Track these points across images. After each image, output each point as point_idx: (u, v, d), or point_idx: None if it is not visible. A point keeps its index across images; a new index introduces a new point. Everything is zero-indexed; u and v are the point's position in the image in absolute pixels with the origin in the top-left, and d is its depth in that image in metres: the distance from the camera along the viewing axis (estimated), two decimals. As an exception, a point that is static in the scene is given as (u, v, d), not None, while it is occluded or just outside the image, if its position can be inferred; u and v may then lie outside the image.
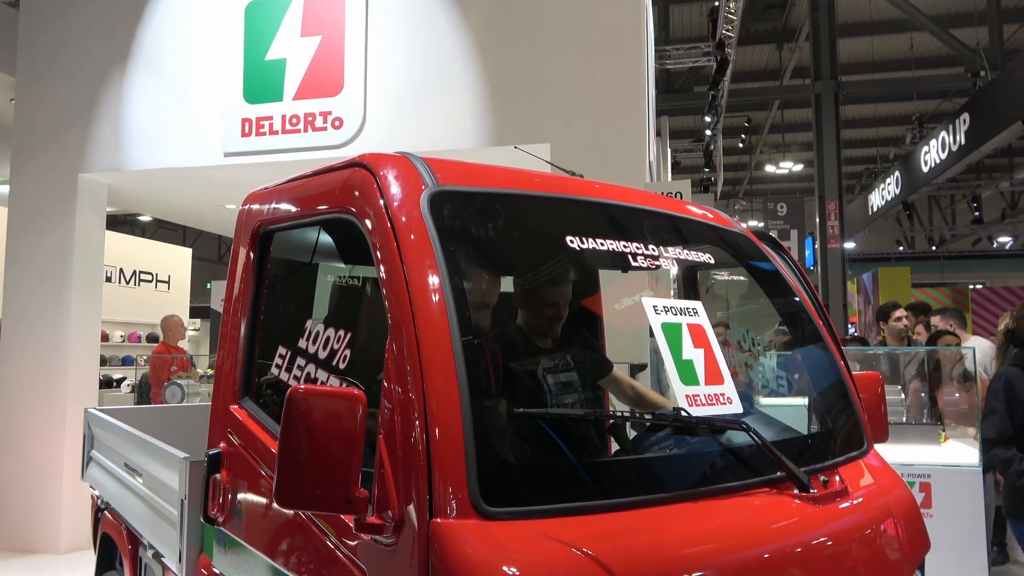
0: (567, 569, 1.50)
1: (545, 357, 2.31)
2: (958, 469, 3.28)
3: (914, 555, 2.15)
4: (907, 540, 2.13)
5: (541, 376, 2.19)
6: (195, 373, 7.76)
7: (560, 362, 2.29)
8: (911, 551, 2.14)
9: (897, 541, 2.09)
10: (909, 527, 2.17)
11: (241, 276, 2.50)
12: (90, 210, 6.99)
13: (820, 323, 2.70)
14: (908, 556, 2.12)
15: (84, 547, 6.20)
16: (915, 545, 2.17)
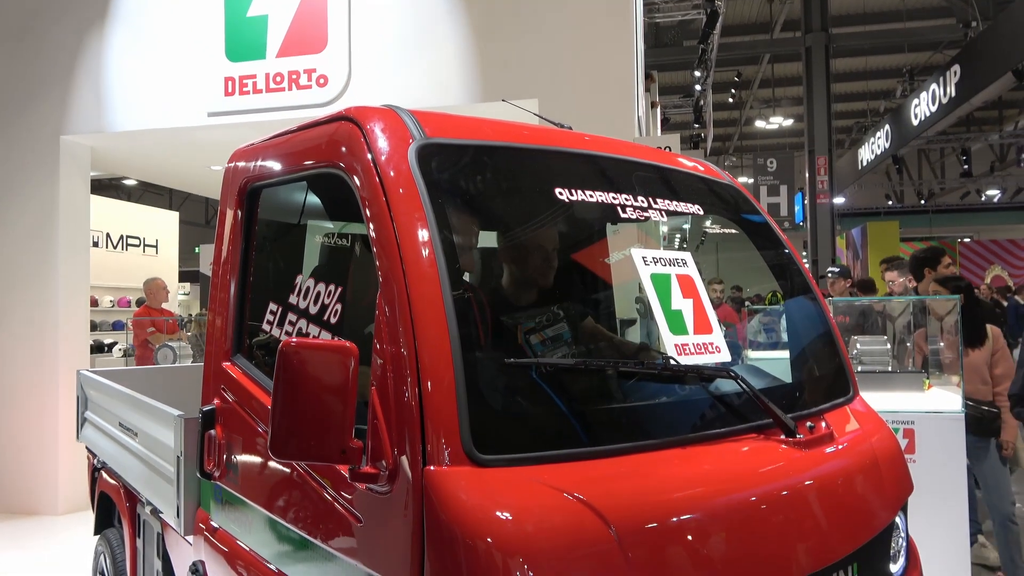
0: (559, 513, 1.54)
1: (535, 309, 2.32)
2: (941, 415, 3.35)
3: (897, 497, 2.21)
4: (890, 482, 2.19)
5: (530, 327, 2.20)
6: (184, 335, 7.75)
7: (549, 314, 2.31)
8: (894, 493, 2.20)
9: (881, 483, 2.14)
10: (892, 470, 2.22)
11: (229, 234, 2.49)
12: (74, 173, 6.91)
13: (809, 274, 2.73)
14: (891, 498, 2.17)
15: (82, 508, 6.27)
16: (898, 487, 2.23)
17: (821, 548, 1.86)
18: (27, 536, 6.01)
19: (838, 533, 1.92)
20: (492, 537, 1.46)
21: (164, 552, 2.91)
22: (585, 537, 1.52)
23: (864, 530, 2.01)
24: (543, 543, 1.48)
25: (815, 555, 1.84)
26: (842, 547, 1.91)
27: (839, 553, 1.90)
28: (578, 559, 1.50)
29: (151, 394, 3.14)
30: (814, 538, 1.86)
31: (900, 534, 2.25)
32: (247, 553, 2.17)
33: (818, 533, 1.88)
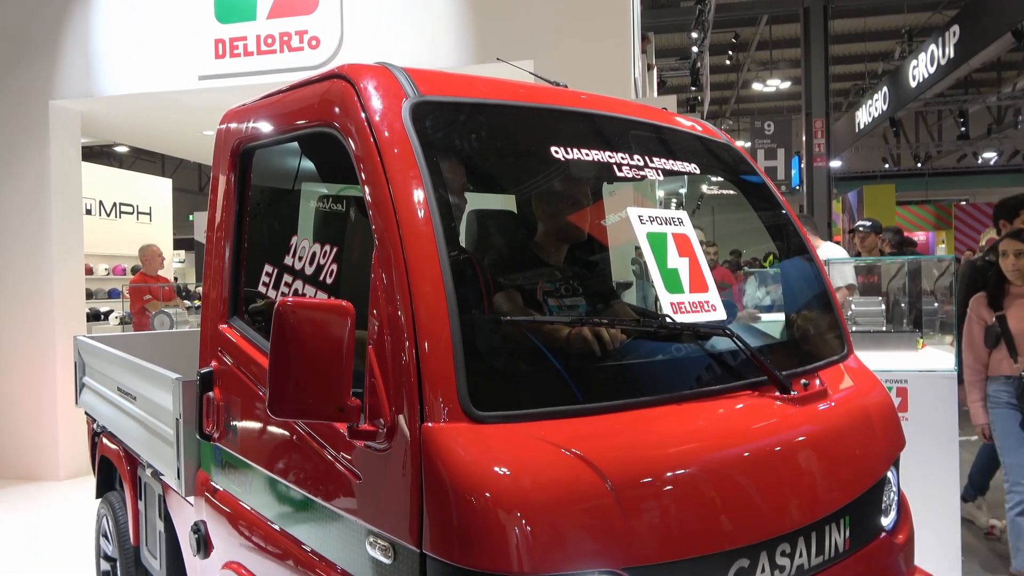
0: (555, 467, 1.56)
1: (531, 267, 2.32)
2: (934, 374, 3.38)
3: (889, 452, 2.24)
4: (883, 438, 2.21)
5: (527, 286, 2.20)
6: (181, 302, 7.74)
7: (547, 273, 2.31)
8: (887, 448, 2.22)
9: (873, 438, 2.17)
10: (885, 426, 2.25)
11: (223, 196, 2.48)
12: (64, 139, 6.84)
13: (805, 235, 2.73)
14: (883, 453, 2.20)
15: (83, 473, 6.33)
16: (890, 443, 2.26)
17: (814, 501, 1.89)
18: (29, 501, 6.07)
19: (830, 487, 1.95)
20: (490, 491, 1.48)
21: (166, 513, 2.95)
22: (581, 491, 1.54)
23: (856, 484, 2.04)
24: (540, 497, 1.50)
25: (808, 508, 1.87)
26: (834, 500, 1.94)
27: (832, 506, 1.93)
28: (575, 513, 1.52)
29: (149, 359, 3.15)
30: (807, 491, 1.89)
31: (892, 489, 2.28)
32: (248, 512, 2.20)
33: (811, 487, 1.91)
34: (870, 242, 6.62)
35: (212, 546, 2.40)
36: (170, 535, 2.93)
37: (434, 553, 1.51)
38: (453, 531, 1.48)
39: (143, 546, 3.24)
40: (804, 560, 1.84)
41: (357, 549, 1.71)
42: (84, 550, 4.46)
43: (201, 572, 2.53)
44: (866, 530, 2.09)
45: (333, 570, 1.79)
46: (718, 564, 1.67)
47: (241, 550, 2.20)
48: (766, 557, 1.75)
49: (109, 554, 3.62)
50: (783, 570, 1.79)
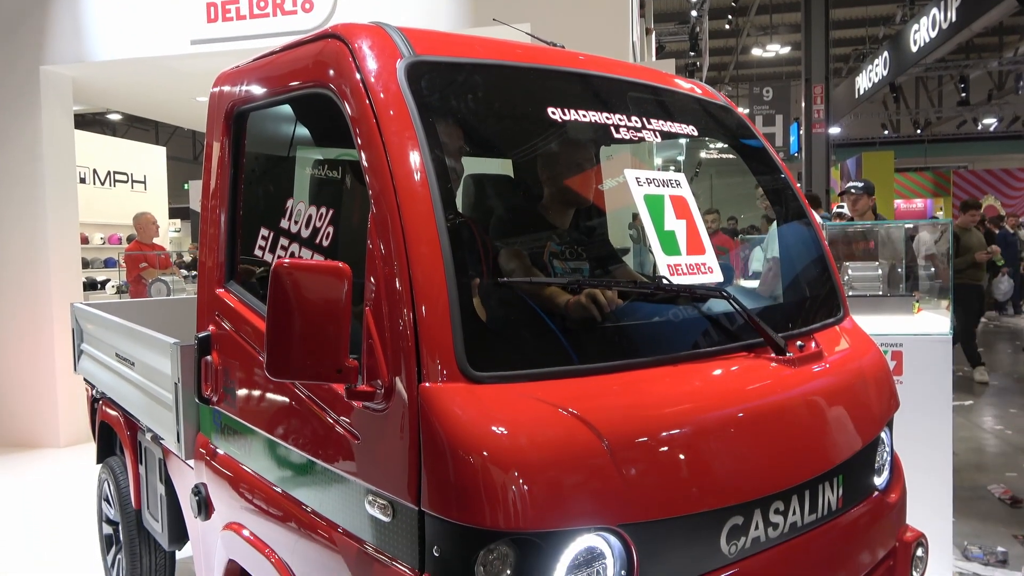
0: (552, 427, 1.57)
1: (529, 228, 2.32)
2: (929, 337, 3.39)
3: (883, 413, 2.26)
4: (877, 399, 2.23)
5: (528, 247, 2.20)
6: (177, 271, 7.73)
7: (544, 235, 2.30)
8: (881, 409, 2.24)
9: (867, 399, 2.19)
10: (879, 387, 2.26)
11: (217, 160, 2.46)
12: (56, 106, 6.76)
13: (804, 198, 2.72)
14: (878, 414, 2.22)
15: (84, 440, 6.38)
16: (885, 404, 2.27)
17: (808, 460, 1.91)
18: (30, 468, 6.12)
19: (824, 446, 1.97)
20: (487, 450, 1.49)
21: (166, 477, 2.97)
22: (578, 450, 1.55)
23: (850, 444, 2.06)
24: (537, 455, 1.51)
25: (802, 467, 1.89)
26: (828, 460, 1.96)
27: (825, 465, 1.95)
28: (571, 471, 1.53)
29: (146, 326, 3.15)
30: (801, 451, 1.91)
31: (885, 449, 2.31)
32: (247, 474, 2.22)
33: (805, 446, 1.93)
34: (862, 204, 6.35)
35: (213, 508, 2.43)
36: (171, 498, 2.96)
37: (432, 510, 1.52)
38: (451, 489, 1.50)
39: (144, 509, 3.27)
40: (797, 518, 1.87)
41: (356, 508, 1.73)
42: (86, 515, 4.51)
43: (202, 533, 2.57)
44: (859, 489, 2.11)
45: (334, 530, 1.81)
46: (712, 521, 1.69)
47: (241, 511, 2.23)
48: (760, 515, 1.78)
49: (111, 518, 3.66)
50: (776, 527, 1.81)
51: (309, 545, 1.89)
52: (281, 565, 2.00)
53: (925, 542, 2.34)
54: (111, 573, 3.71)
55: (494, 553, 1.49)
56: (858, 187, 6.53)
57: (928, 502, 3.32)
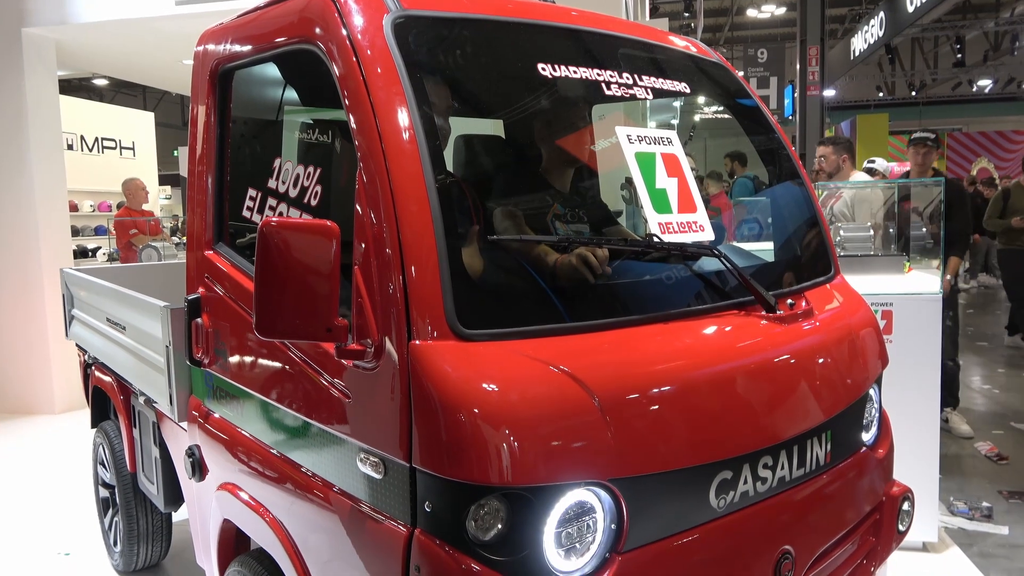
0: (543, 384, 1.57)
1: (520, 186, 2.30)
2: (919, 297, 3.41)
3: (872, 370, 2.27)
4: (866, 356, 2.25)
5: (515, 205, 2.18)
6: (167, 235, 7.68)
7: (536, 192, 2.29)
8: (869, 366, 2.26)
9: (856, 356, 2.20)
10: (869, 344, 2.28)
11: (203, 119, 2.42)
12: (40, 69, 6.64)
13: (797, 158, 2.71)
14: (866, 370, 2.24)
15: (79, 407, 6.39)
16: (873, 360, 2.29)
17: (796, 416, 1.93)
18: (26, 434, 6.14)
19: (813, 402, 1.99)
20: (478, 406, 1.50)
21: (160, 439, 2.99)
22: (568, 406, 1.56)
23: (838, 400, 2.07)
24: (528, 411, 1.52)
25: (791, 423, 1.90)
26: (817, 416, 1.98)
27: (814, 421, 1.97)
28: (562, 427, 1.54)
29: (137, 291, 3.14)
30: (790, 407, 1.92)
31: (874, 406, 2.33)
32: (240, 434, 2.23)
33: (794, 402, 1.94)
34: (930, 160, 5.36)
35: (207, 469, 2.44)
36: (165, 460, 2.98)
37: (423, 467, 1.53)
38: (441, 445, 1.51)
39: (140, 472, 3.29)
40: (786, 472, 1.89)
41: (349, 467, 1.74)
42: (83, 479, 4.54)
43: (197, 494, 2.59)
44: (847, 444, 2.14)
45: (327, 488, 1.82)
46: (701, 476, 1.71)
47: (235, 472, 2.24)
48: (748, 470, 1.80)
49: (107, 481, 3.69)
50: (765, 482, 1.84)
51: (303, 503, 1.91)
52: (276, 524, 2.01)
53: (911, 497, 2.37)
54: (109, 536, 3.75)
55: (485, 508, 1.50)
56: (931, 139, 5.36)
57: (915, 458, 3.37)
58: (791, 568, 1.87)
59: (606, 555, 1.59)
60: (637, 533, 1.61)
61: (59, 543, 4.01)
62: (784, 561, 1.85)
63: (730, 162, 8.56)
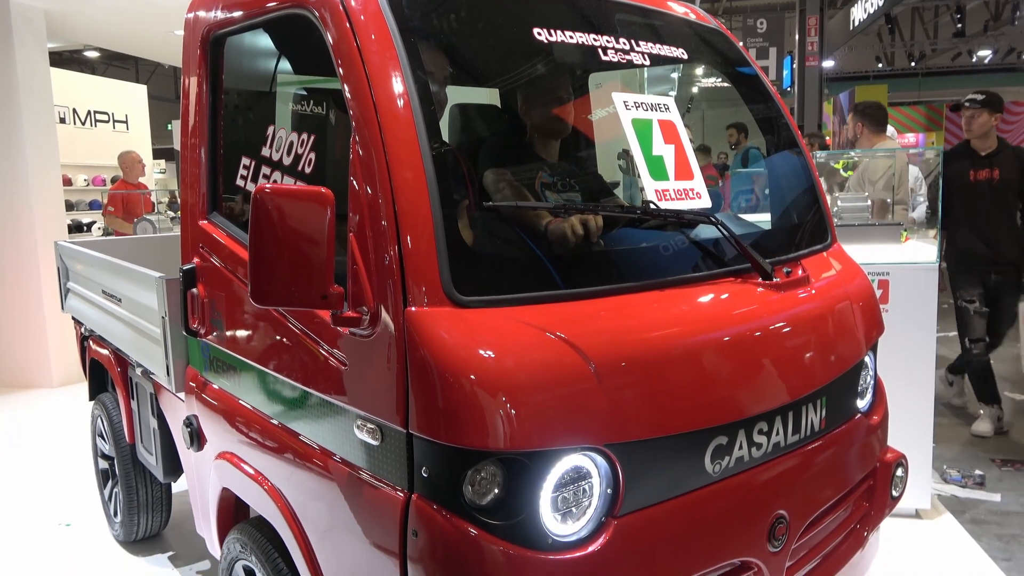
0: (539, 350, 1.57)
1: (516, 152, 2.29)
2: (916, 266, 3.41)
3: (867, 337, 2.28)
4: (861, 323, 2.25)
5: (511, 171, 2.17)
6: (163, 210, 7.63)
7: (537, 163, 2.27)
8: (865, 333, 2.26)
9: (852, 323, 2.21)
10: (864, 311, 2.28)
11: (195, 87, 2.39)
12: (30, 41, 6.55)
13: (795, 126, 2.69)
14: (862, 337, 2.24)
15: (77, 380, 6.41)
16: (869, 328, 2.29)
17: (792, 383, 1.93)
18: (24, 408, 6.16)
19: (808, 369, 1.99)
20: (474, 372, 1.50)
21: (158, 410, 2.99)
22: (565, 372, 1.56)
23: (833, 367, 2.08)
24: (524, 377, 1.52)
25: (785, 389, 1.91)
26: (812, 382, 1.99)
27: (809, 388, 1.97)
28: (558, 392, 1.55)
29: (132, 263, 3.12)
30: (785, 374, 1.93)
31: (869, 373, 2.34)
32: (237, 404, 2.23)
33: (789, 369, 1.95)
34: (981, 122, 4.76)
35: (205, 439, 2.45)
36: (164, 431, 2.99)
37: (420, 432, 1.54)
38: (438, 411, 1.51)
39: (138, 443, 3.31)
40: (781, 438, 1.90)
41: (346, 434, 1.74)
42: (82, 451, 4.56)
43: (196, 464, 2.60)
44: (842, 411, 2.15)
45: (324, 455, 1.83)
46: (696, 441, 1.72)
47: (232, 441, 2.25)
48: (744, 435, 1.81)
49: (106, 453, 3.70)
50: (760, 447, 1.85)
51: (301, 471, 1.92)
52: (274, 492, 2.03)
53: (905, 463, 2.39)
54: (108, 507, 3.78)
55: (482, 472, 1.51)
56: (976, 100, 4.81)
57: (910, 427, 3.40)
58: (785, 532, 1.89)
59: (602, 519, 1.60)
60: (633, 497, 1.62)
61: (60, 514, 4.04)
62: (778, 525, 1.87)
63: (736, 132, 8.40)
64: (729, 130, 8.50)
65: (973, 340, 4.83)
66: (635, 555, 1.62)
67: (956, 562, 3.34)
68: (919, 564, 3.31)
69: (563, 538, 1.56)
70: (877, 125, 5.20)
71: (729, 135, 8.52)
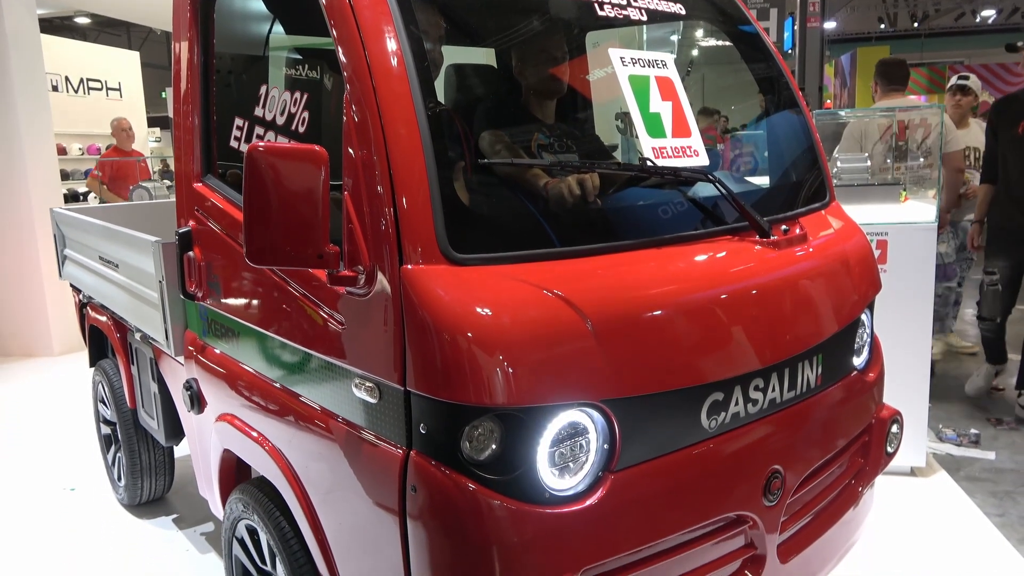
0: (536, 307, 1.57)
1: (511, 109, 2.26)
2: (914, 226, 3.40)
3: (864, 294, 2.28)
4: (858, 280, 2.25)
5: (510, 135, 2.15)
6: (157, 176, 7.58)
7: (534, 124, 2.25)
8: (862, 290, 2.26)
9: (849, 281, 2.20)
10: (861, 269, 2.27)
11: (186, 47, 2.36)
12: (19, 6, 6.45)
13: (795, 85, 2.66)
14: (859, 295, 2.24)
15: (78, 348, 6.43)
16: (866, 285, 2.29)
17: (788, 340, 1.93)
18: (26, 376, 6.19)
19: (805, 326, 2.00)
20: (470, 329, 1.50)
21: (158, 375, 3.01)
22: (561, 329, 1.56)
23: (830, 324, 2.08)
24: (521, 334, 1.52)
25: (782, 346, 1.91)
26: (808, 339, 1.99)
27: (805, 344, 1.98)
28: (555, 349, 1.55)
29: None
30: (782, 330, 1.93)
31: (865, 330, 2.34)
32: (235, 366, 2.24)
33: (786, 326, 1.95)
34: None
35: (205, 401, 2.47)
36: (164, 395, 3.01)
37: (417, 390, 1.54)
38: (435, 368, 1.52)
39: (140, 408, 3.33)
40: (776, 395, 1.91)
41: (344, 393, 1.75)
42: (85, 418, 4.60)
43: (197, 427, 2.62)
44: (838, 368, 2.16)
45: (324, 415, 1.84)
46: (693, 397, 1.73)
47: (232, 403, 2.26)
48: (740, 391, 1.82)
49: (108, 418, 3.73)
50: (756, 403, 1.86)
51: (300, 431, 1.93)
52: (275, 452, 2.04)
53: (900, 419, 2.41)
54: (112, 471, 3.82)
55: (479, 429, 1.52)
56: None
57: (906, 386, 3.42)
58: (780, 487, 1.91)
59: (599, 474, 1.61)
60: (629, 453, 1.64)
61: (64, 479, 4.09)
62: (774, 480, 1.89)
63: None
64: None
65: (982, 318, 4.67)
66: (632, 509, 1.64)
67: (950, 518, 3.39)
68: (914, 520, 3.35)
69: (560, 492, 1.57)
70: (889, 83, 5.01)
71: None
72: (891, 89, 5.01)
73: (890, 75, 4.99)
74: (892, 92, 5.02)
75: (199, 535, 3.43)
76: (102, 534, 3.50)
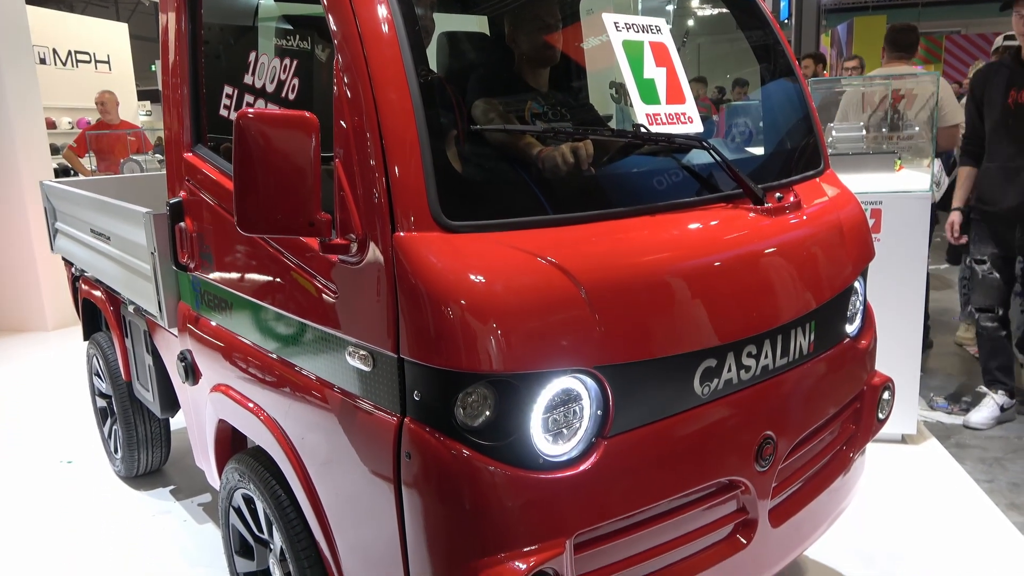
0: (529, 274, 1.57)
1: (502, 80, 2.24)
2: (908, 195, 3.39)
3: (857, 262, 2.28)
4: (852, 248, 2.25)
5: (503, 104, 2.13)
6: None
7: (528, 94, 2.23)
8: (855, 258, 2.26)
9: (842, 248, 2.20)
10: (855, 236, 2.28)
11: (174, 17, 2.32)
12: (2, -25, 6.34)
13: (792, 54, 2.64)
14: (852, 262, 2.24)
15: (72, 323, 6.41)
16: (860, 252, 2.29)
17: (781, 306, 1.94)
18: (21, 352, 6.18)
19: (798, 293, 2.00)
20: (464, 297, 1.50)
21: (153, 347, 3.01)
22: (554, 295, 1.56)
23: (823, 291, 2.09)
24: (513, 300, 1.52)
25: (775, 313, 1.92)
26: (801, 306, 2.00)
27: (798, 311, 1.98)
28: (548, 316, 1.55)
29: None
30: (775, 297, 1.93)
31: (858, 298, 2.35)
32: (229, 336, 2.24)
33: (778, 293, 1.95)
34: None
35: (199, 372, 2.47)
36: (159, 367, 3.01)
37: (411, 357, 1.55)
38: (428, 335, 1.52)
39: (135, 380, 3.33)
40: (769, 361, 1.92)
41: (338, 361, 1.75)
42: (80, 392, 4.60)
43: (192, 398, 2.62)
44: (830, 335, 2.17)
45: (318, 383, 1.85)
46: (686, 364, 1.74)
47: (226, 373, 2.26)
48: (733, 358, 1.82)
49: (103, 391, 3.73)
50: (748, 370, 1.87)
51: (294, 400, 1.94)
52: (270, 421, 2.05)
53: (892, 386, 2.43)
54: (109, 444, 3.83)
55: (473, 395, 1.53)
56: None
57: (898, 355, 3.44)
58: (772, 452, 1.93)
59: (592, 440, 1.62)
60: (623, 419, 1.65)
61: (61, 452, 4.10)
62: (766, 445, 1.90)
63: None
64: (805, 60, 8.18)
65: (979, 309, 4.04)
66: (625, 474, 1.65)
67: (940, 484, 3.43)
68: (904, 486, 3.39)
69: (554, 458, 1.59)
70: (894, 50, 4.82)
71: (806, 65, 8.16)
72: (896, 56, 4.85)
73: (897, 42, 4.80)
74: (896, 59, 4.86)
75: (196, 506, 3.46)
76: (100, 506, 3.52)
